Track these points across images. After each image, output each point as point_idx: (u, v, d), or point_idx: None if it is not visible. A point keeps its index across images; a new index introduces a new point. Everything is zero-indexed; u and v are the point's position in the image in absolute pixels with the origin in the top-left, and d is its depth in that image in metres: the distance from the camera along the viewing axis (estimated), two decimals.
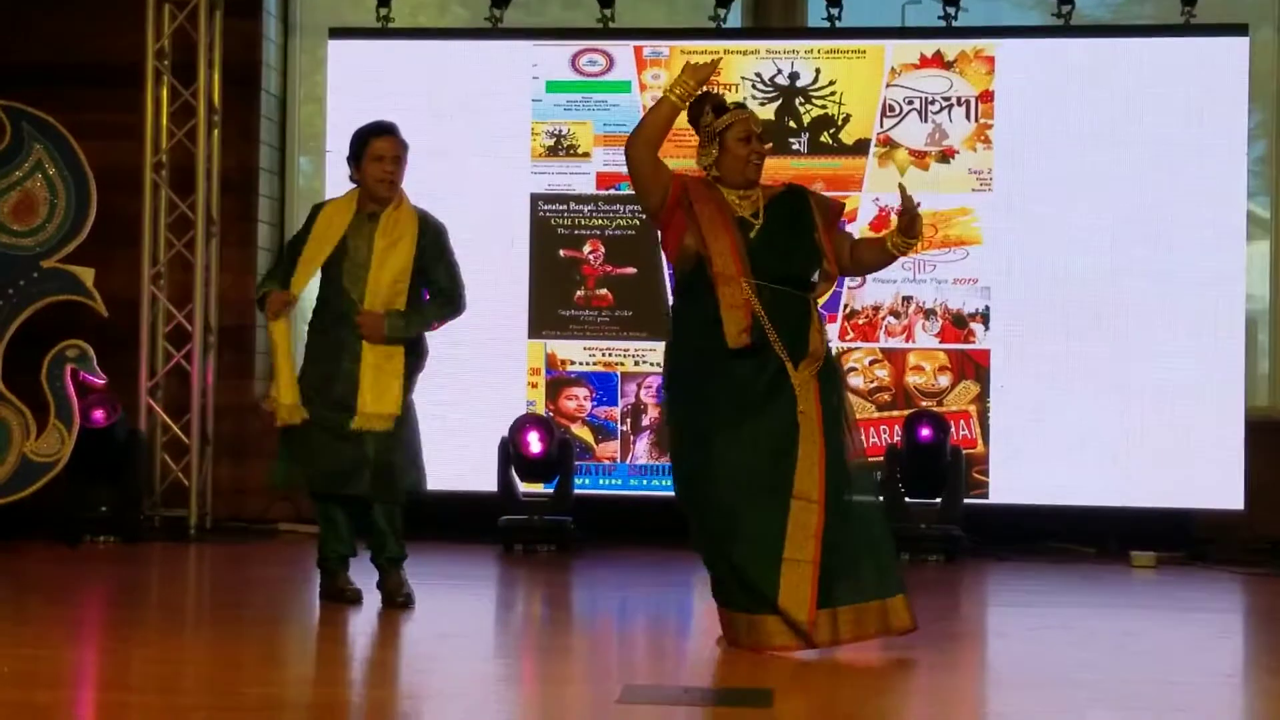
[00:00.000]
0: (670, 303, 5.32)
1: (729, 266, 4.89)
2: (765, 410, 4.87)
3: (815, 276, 5.05)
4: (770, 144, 5.33)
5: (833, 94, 7.95)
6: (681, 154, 7.94)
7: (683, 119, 5.05)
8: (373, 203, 5.66)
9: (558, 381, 8.01)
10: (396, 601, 5.58)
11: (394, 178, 5.65)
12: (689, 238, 4.96)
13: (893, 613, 4.86)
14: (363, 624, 5.45)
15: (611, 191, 8.01)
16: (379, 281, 5.59)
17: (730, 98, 7.90)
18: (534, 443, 7.47)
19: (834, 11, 7.91)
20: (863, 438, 5.86)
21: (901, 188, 5.03)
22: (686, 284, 5.03)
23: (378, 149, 5.63)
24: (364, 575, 5.72)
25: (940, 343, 7.86)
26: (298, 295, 5.71)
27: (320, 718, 4.11)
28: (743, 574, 4.81)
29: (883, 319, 7.88)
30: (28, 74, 8.13)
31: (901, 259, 5.25)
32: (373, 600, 5.64)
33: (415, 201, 5.78)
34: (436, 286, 5.72)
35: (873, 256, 5.26)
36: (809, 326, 4.95)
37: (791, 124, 7.97)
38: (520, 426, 7.52)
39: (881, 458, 7.65)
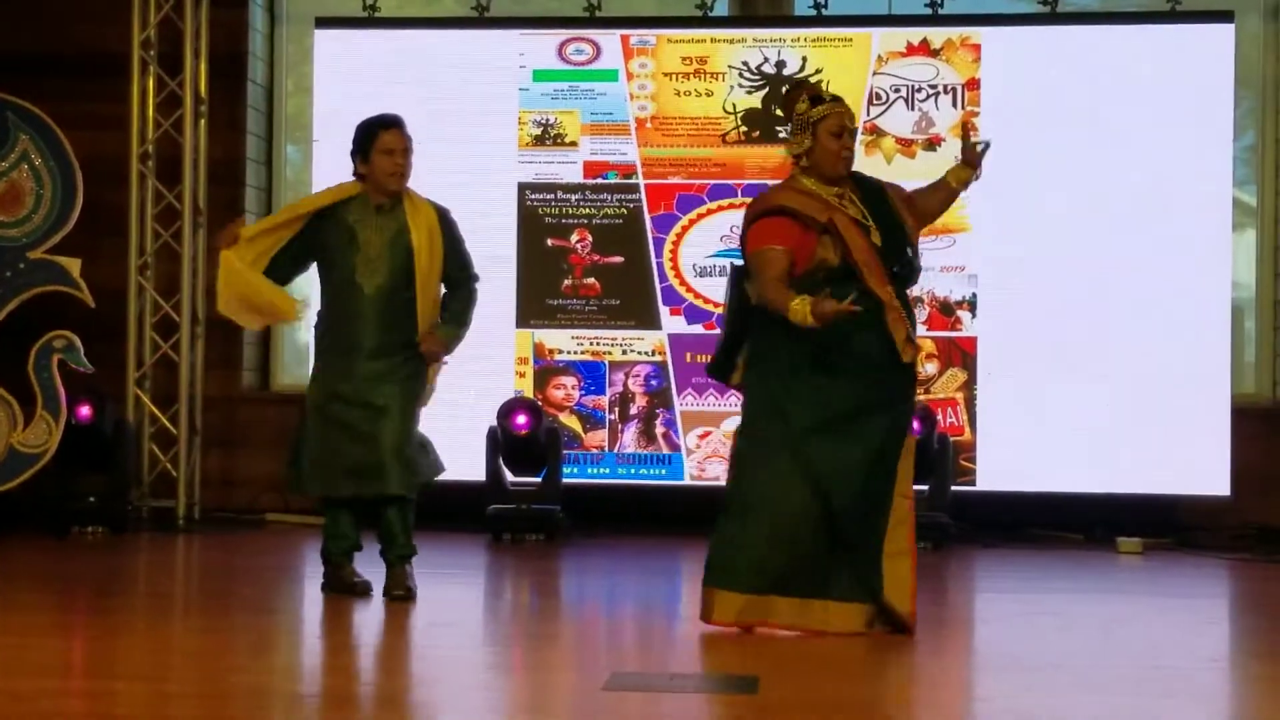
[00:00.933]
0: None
1: (875, 274, 4.86)
2: (896, 410, 4.97)
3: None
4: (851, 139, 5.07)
5: (819, 82, 7.93)
6: (674, 142, 7.96)
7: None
8: (380, 195, 5.62)
9: (546, 370, 8.01)
10: (395, 595, 5.54)
11: (404, 170, 5.60)
12: (822, 249, 4.89)
13: None
14: (352, 614, 5.44)
15: (599, 180, 7.99)
16: (429, 275, 5.56)
17: (717, 87, 7.97)
18: (521, 421, 7.46)
19: None
20: None
21: (968, 122, 5.11)
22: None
23: (386, 142, 5.56)
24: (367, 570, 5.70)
25: (927, 330, 7.85)
26: (245, 234, 5.58)
27: (308, 706, 4.11)
28: (852, 563, 4.89)
29: None
30: (13, 64, 8.10)
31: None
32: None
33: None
34: (447, 278, 5.68)
35: (937, 203, 5.24)
36: (914, 324, 5.04)
37: (778, 112, 7.92)
38: (508, 410, 7.52)
39: None
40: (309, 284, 6.06)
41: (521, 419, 7.48)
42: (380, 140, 5.56)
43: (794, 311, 4.73)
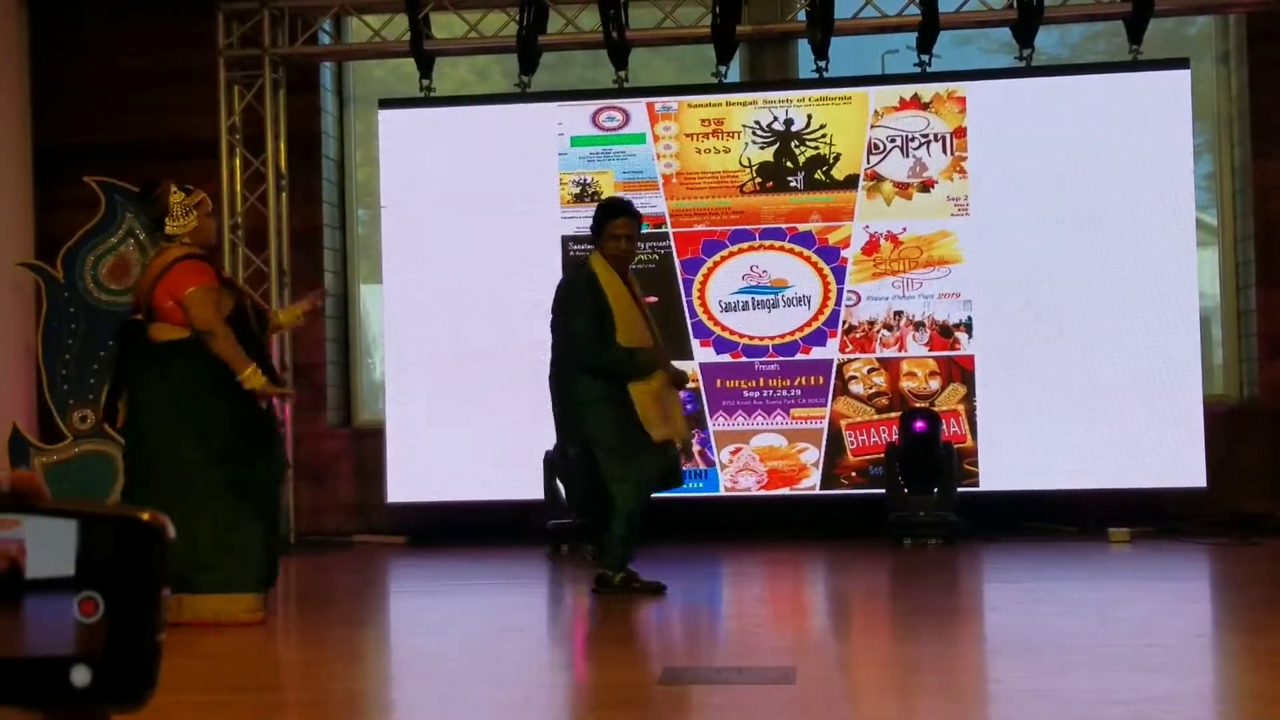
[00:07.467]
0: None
1: None
2: None
3: None
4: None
5: (824, 136, 7.97)
6: (697, 195, 7.98)
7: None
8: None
9: None
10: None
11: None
12: None
13: None
14: (434, 623, 5.46)
15: None
16: None
17: (733, 144, 7.99)
18: None
19: (821, 63, 7.92)
20: None
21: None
22: None
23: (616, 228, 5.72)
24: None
25: (929, 351, 7.85)
26: None
27: (396, 707, 4.13)
28: None
29: (877, 332, 7.88)
30: (119, 152, 8.21)
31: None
32: (438, 600, 5.64)
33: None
34: None
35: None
36: None
37: (789, 164, 7.98)
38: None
39: (883, 455, 7.66)
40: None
41: None
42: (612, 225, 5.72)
43: None
